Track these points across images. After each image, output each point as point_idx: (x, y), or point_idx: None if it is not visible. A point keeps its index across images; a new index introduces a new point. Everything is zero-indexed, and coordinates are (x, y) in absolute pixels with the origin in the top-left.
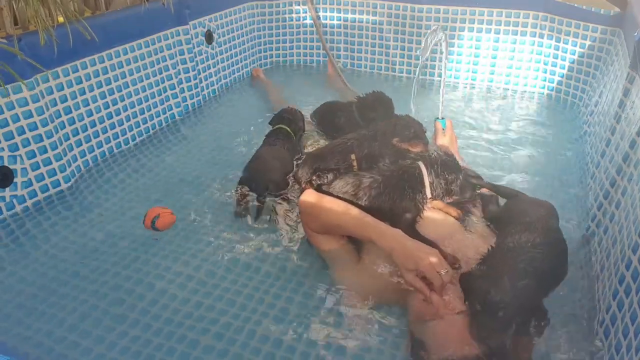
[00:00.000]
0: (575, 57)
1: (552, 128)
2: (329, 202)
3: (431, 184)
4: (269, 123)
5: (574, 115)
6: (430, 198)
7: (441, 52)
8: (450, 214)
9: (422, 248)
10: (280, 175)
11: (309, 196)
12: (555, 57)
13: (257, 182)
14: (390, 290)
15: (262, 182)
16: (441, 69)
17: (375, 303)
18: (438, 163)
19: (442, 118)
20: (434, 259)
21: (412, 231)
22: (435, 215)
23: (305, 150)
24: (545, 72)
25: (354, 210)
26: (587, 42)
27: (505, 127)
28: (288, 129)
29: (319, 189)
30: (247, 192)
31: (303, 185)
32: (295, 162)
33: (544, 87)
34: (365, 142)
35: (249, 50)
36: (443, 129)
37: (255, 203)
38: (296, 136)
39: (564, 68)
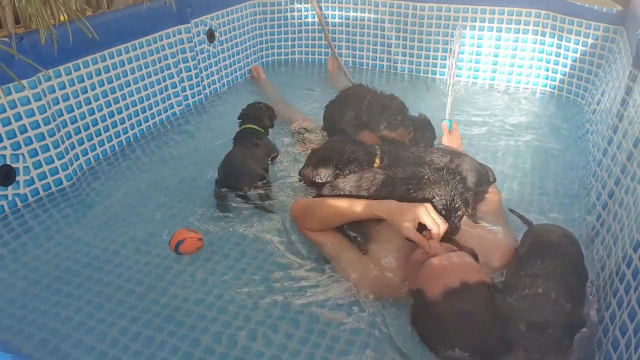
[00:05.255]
0: (578, 55)
1: (554, 126)
2: (319, 200)
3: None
4: (238, 119)
5: (576, 113)
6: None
7: (444, 52)
8: None
9: (414, 203)
10: (252, 175)
11: (298, 203)
12: (558, 55)
13: (231, 183)
14: (393, 284)
15: (236, 183)
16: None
17: (378, 297)
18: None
19: (449, 119)
20: (428, 206)
21: None
22: None
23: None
24: (547, 70)
25: (344, 198)
26: (590, 40)
27: (507, 125)
28: (256, 127)
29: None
30: (225, 192)
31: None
32: (269, 160)
33: (545, 86)
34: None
35: (250, 49)
36: (450, 130)
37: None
38: (266, 132)
39: (566, 66)
